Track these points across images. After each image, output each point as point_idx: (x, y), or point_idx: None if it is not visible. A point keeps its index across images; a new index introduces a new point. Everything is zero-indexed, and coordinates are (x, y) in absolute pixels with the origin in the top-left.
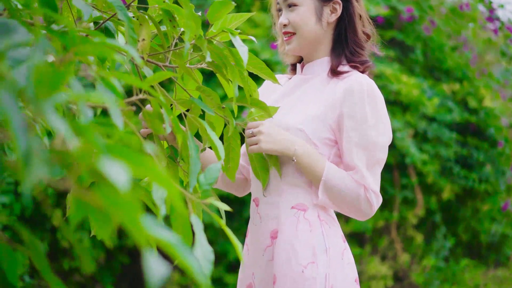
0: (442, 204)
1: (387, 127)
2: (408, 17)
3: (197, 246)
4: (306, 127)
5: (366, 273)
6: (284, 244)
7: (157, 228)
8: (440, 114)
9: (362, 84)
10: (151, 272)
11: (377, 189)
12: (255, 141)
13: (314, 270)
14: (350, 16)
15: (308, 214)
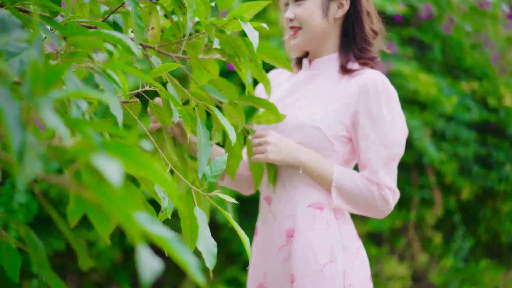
0: (461, 204)
1: (403, 122)
2: (426, 15)
3: (200, 240)
4: (322, 124)
5: (383, 273)
6: (302, 243)
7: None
8: (459, 113)
9: (376, 82)
10: (144, 267)
11: (394, 185)
12: (262, 150)
13: (333, 268)
14: (357, 12)
15: (324, 212)
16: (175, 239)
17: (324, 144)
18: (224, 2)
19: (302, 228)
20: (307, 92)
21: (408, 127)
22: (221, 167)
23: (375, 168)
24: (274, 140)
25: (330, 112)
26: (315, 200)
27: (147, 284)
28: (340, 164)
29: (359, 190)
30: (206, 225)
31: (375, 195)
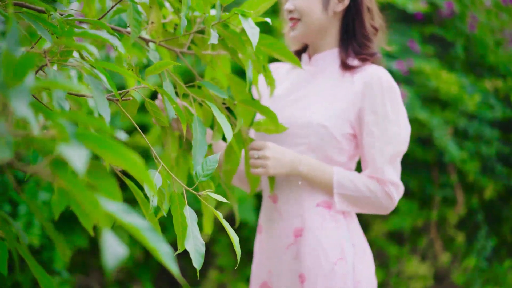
0: (484, 203)
1: (406, 119)
2: (448, 12)
3: (189, 239)
4: (329, 123)
5: (404, 273)
6: (312, 242)
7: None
8: (481, 111)
9: (381, 79)
10: (108, 253)
11: (397, 180)
12: (261, 165)
13: (343, 266)
14: (358, 7)
15: (333, 211)
16: (147, 228)
17: (331, 142)
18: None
19: (311, 227)
20: (310, 90)
21: (429, 126)
22: (213, 166)
23: (379, 164)
24: (273, 154)
25: (335, 110)
26: (323, 198)
27: (111, 269)
28: (345, 160)
29: (361, 193)
30: (196, 224)
31: (378, 193)
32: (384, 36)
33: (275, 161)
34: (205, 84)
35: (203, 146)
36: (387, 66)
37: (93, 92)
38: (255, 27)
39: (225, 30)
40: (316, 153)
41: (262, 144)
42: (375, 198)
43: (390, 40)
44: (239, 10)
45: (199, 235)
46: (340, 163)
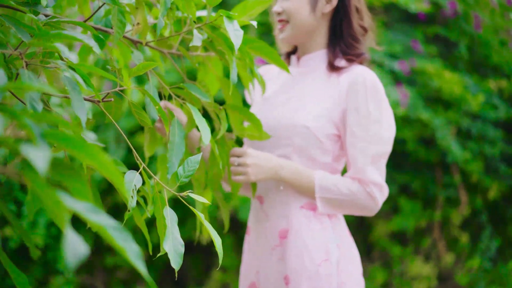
0: (488, 203)
1: (390, 120)
2: (451, 12)
3: (168, 239)
4: (312, 124)
5: (408, 273)
6: (297, 244)
7: (92, 213)
8: (485, 112)
9: (365, 79)
10: (69, 251)
11: (381, 181)
12: (242, 172)
13: (328, 267)
14: (345, 8)
15: (318, 212)
16: (114, 228)
17: (314, 143)
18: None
19: (296, 229)
20: (297, 90)
21: (432, 126)
22: (194, 167)
23: (361, 165)
24: (253, 161)
25: (320, 111)
26: (307, 200)
27: (72, 268)
28: (330, 161)
29: (343, 195)
30: (176, 225)
31: (360, 194)
32: (374, 36)
33: (256, 168)
34: (188, 86)
35: (180, 149)
36: (389, 66)
37: (70, 93)
38: (239, 29)
39: (213, 32)
40: (300, 154)
41: (242, 151)
42: (358, 200)
43: (393, 40)
44: (224, 12)
45: (179, 236)
46: (324, 164)
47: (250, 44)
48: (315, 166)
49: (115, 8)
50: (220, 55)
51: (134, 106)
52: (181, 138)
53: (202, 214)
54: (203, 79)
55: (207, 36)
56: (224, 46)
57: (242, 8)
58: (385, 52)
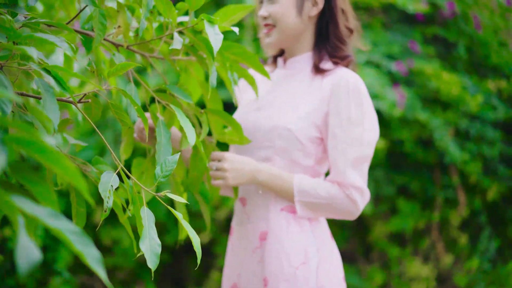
0: (488, 204)
1: (373, 123)
2: (450, 13)
3: (144, 239)
4: (293, 126)
5: (406, 274)
6: (275, 246)
7: (52, 218)
8: (484, 112)
9: (347, 82)
10: (21, 257)
11: (362, 185)
12: (220, 177)
13: (306, 270)
14: (331, 10)
15: (298, 216)
16: (73, 232)
17: (295, 145)
18: (193, 3)
19: (275, 231)
20: (282, 92)
21: (430, 127)
22: (172, 167)
23: (341, 168)
24: (231, 166)
25: (302, 113)
26: (287, 203)
27: (23, 274)
28: (312, 164)
29: (322, 199)
30: (153, 225)
31: (340, 198)
32: (359, 37)
33: (234, 172)
34: (172, 88)
35: (168, 150)
36: (387, 67)
37: (43, 95)
38: (219, 33)
39: (194, 36)
40: (282, 156)
41: (220, 155)
42: (337, 203)
43: (391, 40)
44: (205, 16)
45: (156, 236)
46: (306, 167)
47: (231, 50)
48: (297, 169)
49: (96, 11)
50: (201, 60)
51: (113, 107)
52: (167, 139)
53: (181, 213)
54: (185, 83)
55: (188, 41)
56: (205, 50)
57: (224, 13)
58: (383, 53)
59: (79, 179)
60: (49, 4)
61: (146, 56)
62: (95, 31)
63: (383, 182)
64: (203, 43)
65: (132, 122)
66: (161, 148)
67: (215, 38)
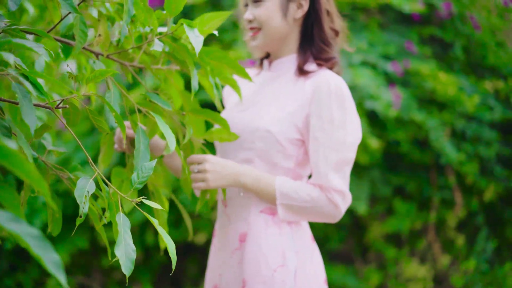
0: (485, 205)
1: (356, 126)
2: (446, 13)
3: (119, 245)
4: (274, 128)
5: (402, 275)
6: (254, 248)
7: (12, 222)
8: (480, 113)
9: (329, 84)
10: None
11: (344, 188)
12: (202, 179)
13: (284, 273)
14: (316, 12)
15: (277, 218)
16: (32, 236)
17: (275, 147)
18: (172, 9)
19: (254, 233)
20: (266, 94)
21: (426, 128)
22: (148, 173)
23: (323, 171)
24: (212, 167)
25: (283, 115)
26: (267, 205)
27: None
28: (292, 166)
29: (304, 202)
30: (128, 230)
31: (321, 201)
32: (345, 38)
33: (215, 174)
34: (151, 95)
35: (146, 156)
36: (383, 67)
37: (20, 100)
38: (199, 35)
39: (174, 43)
40: (262, 158)
41: (201, 157)
42: (319, 206)
43: (388, 41)
44: (185, 21)
45: (131, 242)
46: (286, 169)
47: (211, 55)
48: (277, 171)
49: (77, 18)
50: (181, 66)
51: (91, 113)
52: (146, 146)
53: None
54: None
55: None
56: (185, 55)
57: (201, 21)
58: (380, 53)
59: (42, 183)
60: (43, 6)
61: (126, 65)
62: (76, 38)
63: (379, 183)
64: (182, 49)
65: (110, 128)
66: (139, 155)
67: (196, 40)
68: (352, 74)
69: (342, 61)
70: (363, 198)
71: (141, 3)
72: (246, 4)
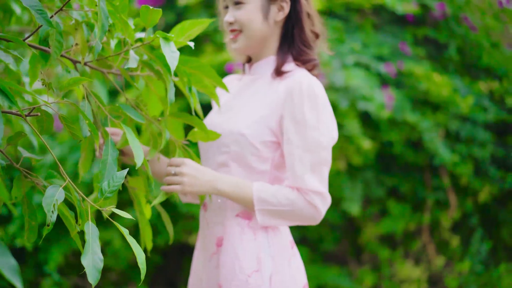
0: (479, 206)
1: (330, 126)
2: (440, 14)
3: (87, 254)
4: (247, 131)
5: (397, 276)
6: (229, 252)
7: None
8: (474, 114)
9: (301, 84)
10: None
11: (322, 189)
12: (177, 182)
13: (258, 278)
14: (297, 14)
15: (252, 222)
16: None
17: (249, 150)
18: (148, 19)
19: (230, 237)
20: (243, 98)
21: (419, 129)
22: (119, 182)
23: (299, 173)
24: (190, 172)
25: (257, 118)
26: (243, 209)
27: None
28: (269, 169)
29: (283, 206)
30: (97, 239)
31: (300, 204)
32: (325, 41)
33: (192, 179)
34: (124, 107)
35: (113, 169)
36: (376, 69)
37: None
38: (175, 51)
39: (151, 52)
40: (237, 161)
41: (180, 160)
42: (298, 209)
43: (382, 42)
44: (161, 34)
45: (99, 251)
46: (263, 172)
47: (188, 64)
48: (254, 175)
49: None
50: (158, 75)
51: (64, 120)
52: (114, 158)
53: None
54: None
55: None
56: (161, 66)
57: (180, 29)
58: (373, 54)
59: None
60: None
61: (104, 73)
62: (51, 48)
63: (373, 184)
64: (159, 59)
65: (84, 136)
66: (106, 167)
67: (171, 56)
68: (345, 75)
69: (335, 62)
70: (357, 199)
71: (117, 14)
72: (226, 6)
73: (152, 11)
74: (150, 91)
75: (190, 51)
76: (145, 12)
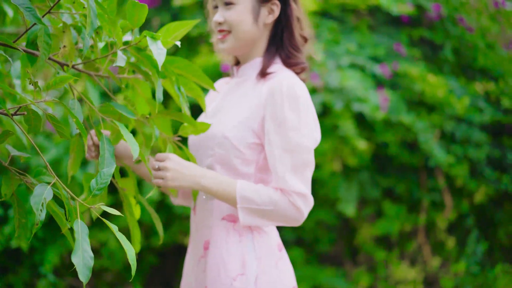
0: (475, 207)
1: (312, 127)
2: (436, 15)
3: (77, 252)
4: (230, 133)
5: (392, 277)
6: (215, 256)
7: None
8: (470, 115)
9: (282, 85)
10: None
11: (305, 190)
12: (161, 176)
13: (243, 281)
14: (287, 18)
15: (238, 225)
16: None
17: (233, 153)
18: (135, 20)
19: (216, 240)
20: (231, 100)
21: (415, 130)
22: (107, 180)
23: (280, 174)
24: (173, 166)
25: (240, 120)
26: (228, 212)
27: None
28: (253, 172)
29: (265, 205)
30: (86, 237)
31: (283, 204)
32: (313, 45)
33: (175, 173)
34: (114, 105)
35: (111, 163)
36: (371, 70)
37: None
38: (162, 48)
39: (138, 54)
40: (222, 165)
41: (165, 155)
42: (280, 210)
43: (377, 43)
44: (148, 33)
45: (89, 249)
46: (247, 174)
47: (175, 64)
48: (238, 177)
49: (41, 30)
50: (146, 76)
51: (52, 119)
52: (111, 153)
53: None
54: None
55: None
56: (149, 67)
57: (166, 31)
58: (369, 55)
59: None
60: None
61: (92, 75)
62: (40, 50)
63: (368, 185)
64: (147, 60)
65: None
66: (104, 162)
67: (158, 53)
68: (340, 76)
69: (330, 63)
70: (352, 200)
71: (105, 15)
72: (215, 6)
73: (138, 8)
74: (137, 94)
75: (185, 54)
76: (132, 9)
